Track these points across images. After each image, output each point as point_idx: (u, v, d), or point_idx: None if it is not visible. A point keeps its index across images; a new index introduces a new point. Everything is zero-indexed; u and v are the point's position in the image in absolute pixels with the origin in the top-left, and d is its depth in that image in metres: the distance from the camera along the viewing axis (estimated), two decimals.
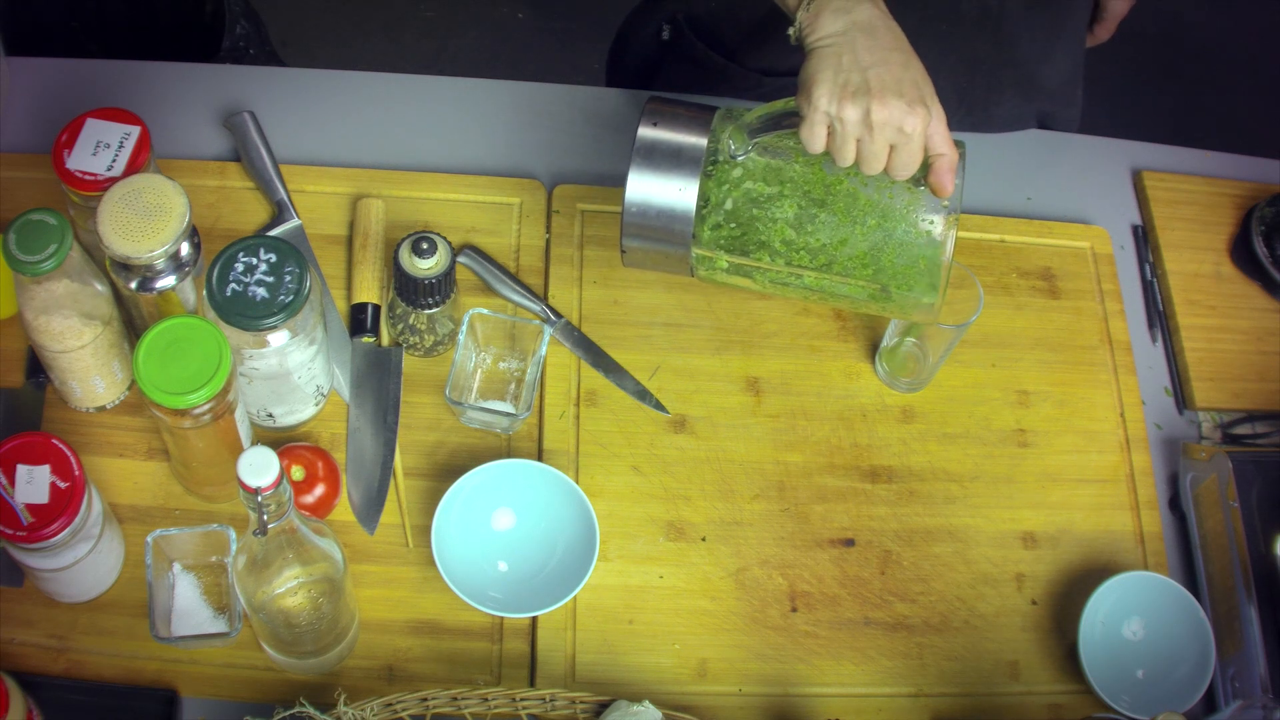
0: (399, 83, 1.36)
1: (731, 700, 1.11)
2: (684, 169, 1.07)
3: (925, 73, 1.00)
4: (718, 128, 1.08)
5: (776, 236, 1.06)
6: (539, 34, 2.60)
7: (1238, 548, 1.15)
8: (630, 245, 1.11)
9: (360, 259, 1.21)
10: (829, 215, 1.05)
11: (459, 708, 1.03)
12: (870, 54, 0.98)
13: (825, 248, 1.05)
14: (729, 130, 1.07)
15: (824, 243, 1.05)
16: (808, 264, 1.06)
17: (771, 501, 1.19)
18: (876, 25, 1.00)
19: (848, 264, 1.05)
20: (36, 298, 1.00)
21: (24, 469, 0.95)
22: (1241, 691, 1.12)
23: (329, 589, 0.95)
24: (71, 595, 1.05)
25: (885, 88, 0.97)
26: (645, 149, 1.08)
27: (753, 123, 1.05)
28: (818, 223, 1.05)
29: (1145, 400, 1.29)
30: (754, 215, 1.06)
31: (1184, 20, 2.81)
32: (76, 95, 1.27)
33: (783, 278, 1.08)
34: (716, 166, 1.07)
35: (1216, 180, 1.42)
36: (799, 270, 1.07)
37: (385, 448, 1.14)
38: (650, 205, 1.08)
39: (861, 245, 1.05)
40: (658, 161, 1.07)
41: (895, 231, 1.04)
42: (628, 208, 1.09)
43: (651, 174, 1.07)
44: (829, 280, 1.07)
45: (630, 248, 1.11)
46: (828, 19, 1.00)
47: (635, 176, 1.08)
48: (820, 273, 1.06)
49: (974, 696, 1.14)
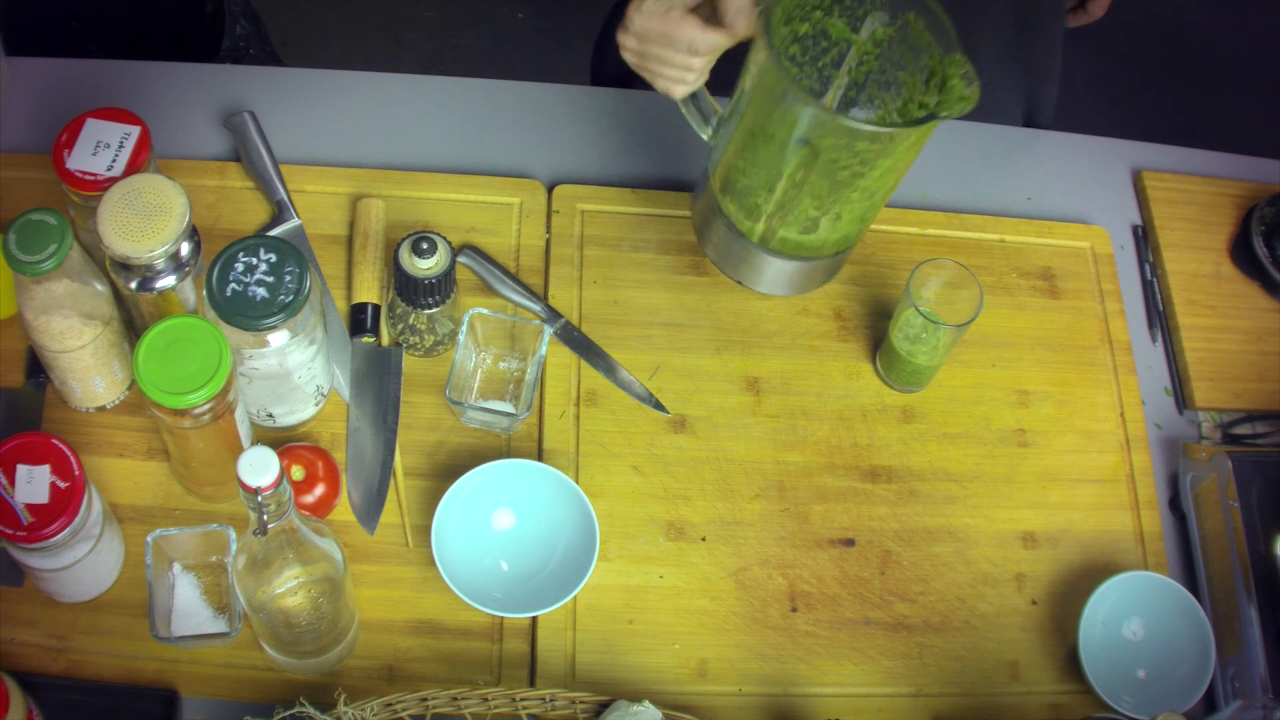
0: (399, 83, 1.36)
1: (731, 700, 1.11)
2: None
3: None
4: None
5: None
6: (538, 34, 2.60)
7: (1238, 548, 1.15)
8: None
9: (360, 259, 1.21)
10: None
11: (459, 708, 1.03)
12: None
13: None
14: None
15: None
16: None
17: (771, 501, 1.19)
18: None
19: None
20: (36, 298, 1.00)
21: (24, 469, 0.95)
22: (1241, 691, 1.12)
23: (329, 589, 0.95)
24: (71, 595, 1.05)
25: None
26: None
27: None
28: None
29: (1145, 400, 1.29)
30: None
31: (1184, 20, 2.81)
32: (76, 95, 1.27)
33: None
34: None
35: (1216, 180, 1.42)
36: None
37: (385, 448, 1.14)
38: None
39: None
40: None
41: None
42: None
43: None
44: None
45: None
46: None
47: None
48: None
49: (974, 696, 1.14)
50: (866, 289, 1.29)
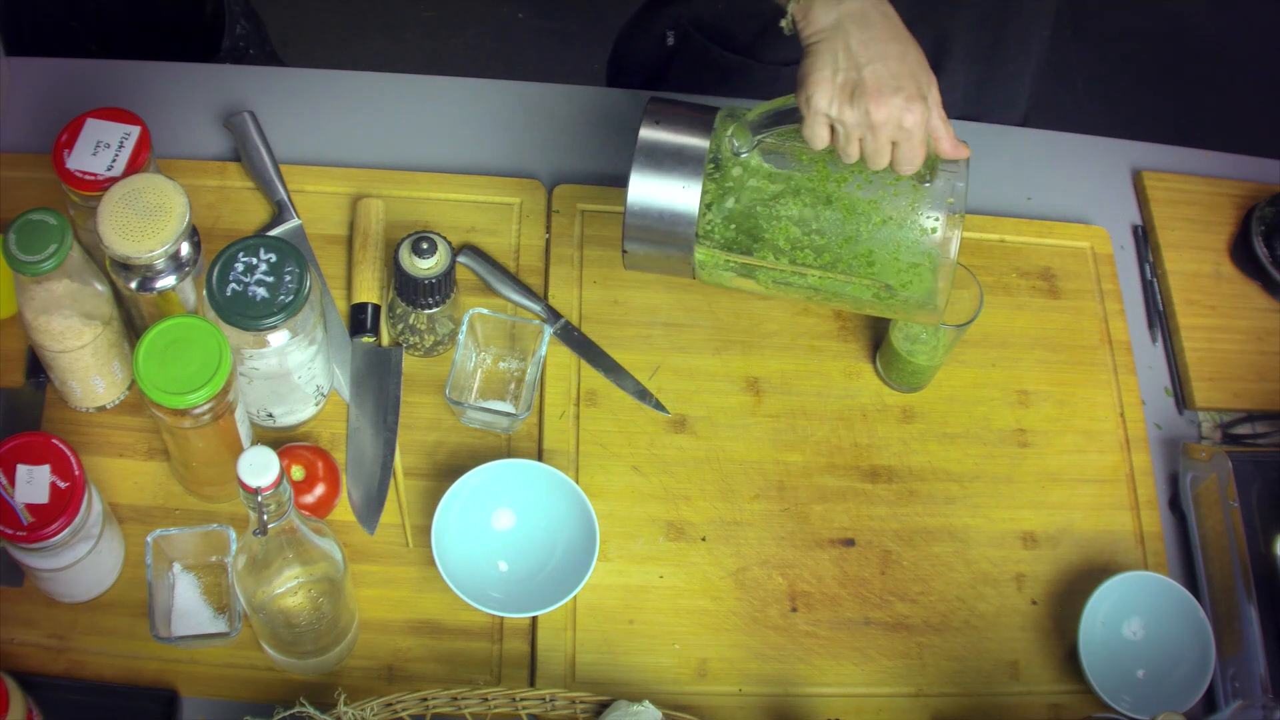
0: (399, 83, 1.36)
1: (731, 700, 1.11)
2: (687, 168, 1.06)
3: (923, 58, 0.99)
4: (720, 127, 1.07)
5: (781, 235, 1.06)
6: (539, 34, 2.60)
7: (1238, 548, 1.15)
8: (632, 248, 1.11)
9: (360, 259, 1.21)
10: (833, 213, 1.05)
11: (459, 708, 1.03)
12: (865, 48, 0.97)
13: (830, 245, 1.05)
14: (732, 128, 1.06)
15: (828, 240, 1.05)
16: (812, 262, 1.06)
17: (771, 501, 1.19)
18: (870, 14, 0.98)
19: (851, 262, 1.05)
20: (36, 298, 1.00)
21: (24, 469, 0.95)
22: (1241, 691, 1.12)
23: (329, 589, 0.95)
24: (71, 595, 1.05)
25: (882, 85, 0.96)
26: (647, 149, 1.07)
27: (756, 120, 1.05)
28: (823, 220, 1.05)
29: (1145, 400, 1.29)
30: (758, 214, 1.06)
31: (1184, 20, 2.81)
32: (76, 95, 1.27)
33: (786, 277, 1.08)
34: (719, 166, 1.06)
35: (1216, 180, 1.42)
36: (803, 270, 1.07)
37: (385, 448, 1.14)
38: (652, 207, 1.07)
39: (866, 243, 1.04)
40: (660, 161, 1.07)
41: (900, 229, 1.04)
42: (630, 209, 1.08)
43: (654, 175, 1.07)
44: (832, 280, 1.07)
45: (632, 250, 1.11)
46: (819, 11, 0.99)
47: (637, 178, 1.07)
48: (824, 271, 1.06)
49: (974, 696, 1.14)
50: None
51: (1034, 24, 1.42)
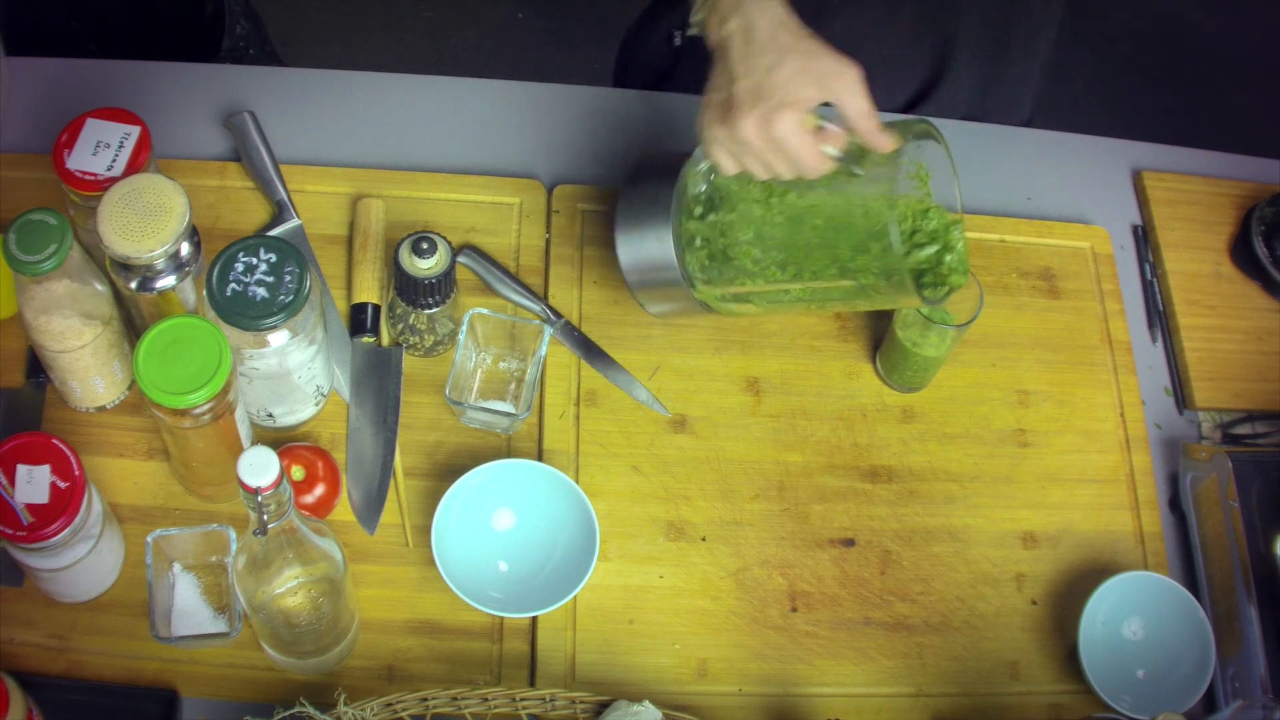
0: (399, 83, 1.36)
1: (731, 700, 1.11)
2: (656, 218, 1.08)
3: (810, 61, 0.96)
4: (685, 170, 1.08)
5: (746, 258, 1.06)
6: (539, 34, 2.60)
7: (1238, 548, 1.15)
8: (644, 301, 1.14)
9: (360, 259, 1.21)
10: (778, 228, 1.05)
11: (459, 708, 1.03)
12: (741, 64, 0.96)
13: (790, 258, 1.05)
14: (688, 170, 1.07)
15: (785, 255, 1.05)
16: (780, 278, 1.06)
17: (771, 501, 1.19)
18: (755, 26, 0.97)
19: (815, 267, 1.05)
20: (36, 298, 1.00)
21: (24, 469, 0.95)
22: (1241, 691, 1.12)
23: (329, 589, 0.95)
24: (71, 595, 1.05)
25: (743, 100, 0.95)
26: (626, 208, 1.10)
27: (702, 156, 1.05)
28: (773, 237, 1.05)
29: (1145, 400, 1.29)
30: (723, 245, 1.06)
31: (1184, 20, 2.81)
32: (76, 95, 1.27)
33: (772, 295, 1.08)
34: (684, 208, 1.08)
35: (1216, 180, 1.42)
36: (780, 286, 1.07)
37: (385, 448, 1.14)
38: (640, 262, 1.11)
39: (819, 246, 1.03)
40: (637, 216, 1.09)
41: (844, 225, 1.02)
42: (624, 271, 1.11)
43: (634, 231, 1.10)
44: (810, 288, 1.06)
45: (647, 304, 1.15)
46: (713, 27, 0.99)
47: (621, 237, 1.10)
48: (796, 283, 1.06)
49: (974, 696, 1.14)
50: None
51: (1040, 27, 1.42)
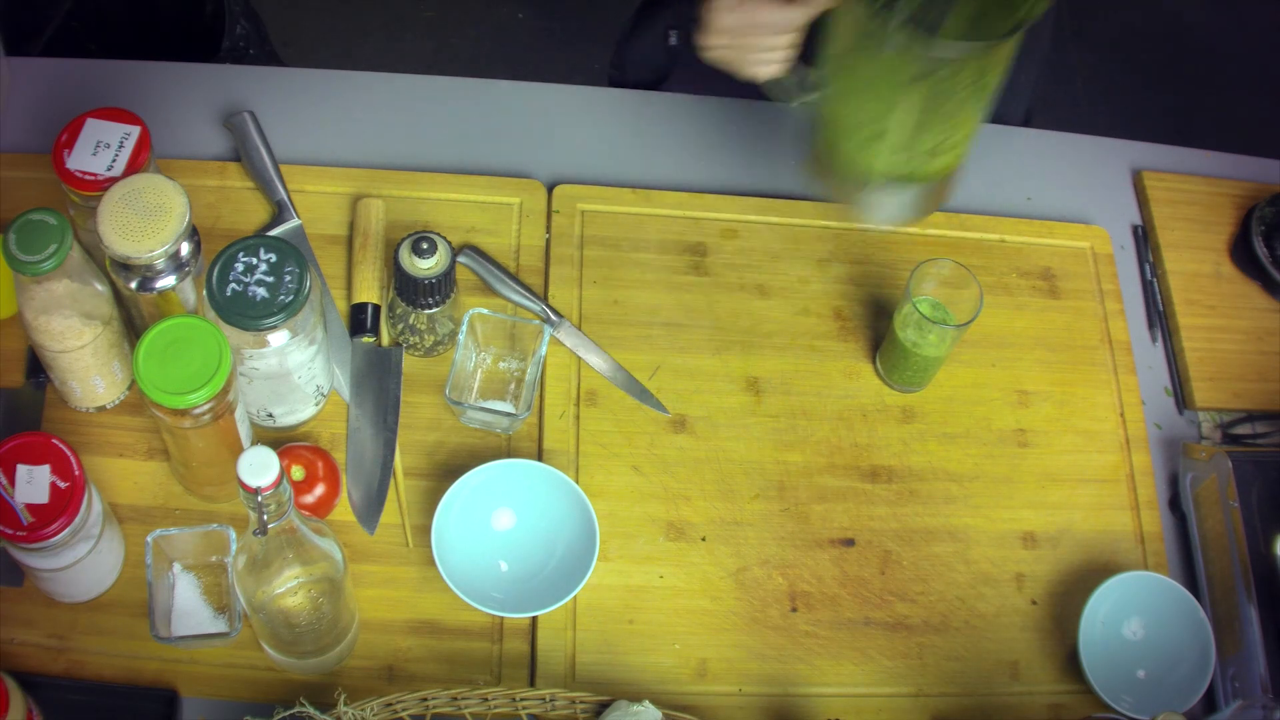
0: (399, 83, 1.36)
1: (731, 700, 1.11)
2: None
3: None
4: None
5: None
6: (539, 34, 2.60)
7: (1238, 548, 1.15)
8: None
9: (360, 259, 1.21)
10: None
11: (459, 708, 1.03)
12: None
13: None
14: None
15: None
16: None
17: (771, 501, 1.19)
18: None
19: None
20: (36, 298, 1.00)
21: (24, 469, 0.95)
22: (1241, 691, 1.12)
23: (329, 589, 0.95)
24: (71, 595, 1.05)
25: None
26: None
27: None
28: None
29: (1145, 400, 1.29)
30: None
31: (1184, 20, 2.81)
32: (76, 95, 1.27)
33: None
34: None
35: (1216, 180, 1.42)
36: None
37: (385, 448, 1.14)
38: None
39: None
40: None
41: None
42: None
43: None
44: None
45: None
46: None
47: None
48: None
49: (974, 696, 1.14)
50: (866, 289, 1.29)
51: (1039, 26, 1.42)
